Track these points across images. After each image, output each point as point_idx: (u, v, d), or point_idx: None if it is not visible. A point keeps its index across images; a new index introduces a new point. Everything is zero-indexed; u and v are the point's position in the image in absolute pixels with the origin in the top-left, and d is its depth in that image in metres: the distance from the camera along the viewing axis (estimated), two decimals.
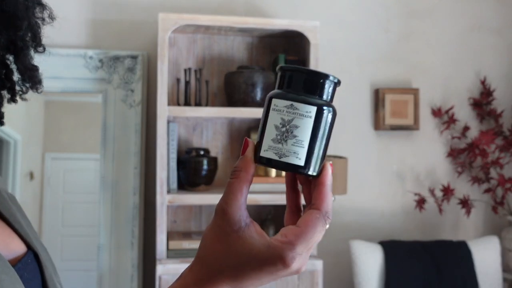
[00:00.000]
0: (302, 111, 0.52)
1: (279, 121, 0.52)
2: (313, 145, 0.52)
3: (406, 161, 2.35)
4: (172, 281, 1.78)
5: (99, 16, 2.12)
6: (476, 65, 2.43)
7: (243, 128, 2.16)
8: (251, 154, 0.53)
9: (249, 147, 0.54)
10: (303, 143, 0.52)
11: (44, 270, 0.61)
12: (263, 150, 0.53)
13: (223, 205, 0.51)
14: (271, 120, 0.53)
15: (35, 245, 0.61)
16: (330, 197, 0.52)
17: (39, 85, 0.72)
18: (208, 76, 2.13)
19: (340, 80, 0.54)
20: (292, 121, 0.52)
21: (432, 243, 2.14)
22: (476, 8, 2.43)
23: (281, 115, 0.52)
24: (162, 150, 1.86)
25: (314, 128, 0.52)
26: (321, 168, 0.54)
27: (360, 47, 2.31)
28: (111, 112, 2.05)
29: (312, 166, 0.53)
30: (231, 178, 0.52)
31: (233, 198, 0.51)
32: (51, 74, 2.01)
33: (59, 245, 2.16)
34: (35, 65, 0.71)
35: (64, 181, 2.19)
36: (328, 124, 0.53)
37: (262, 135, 0.53)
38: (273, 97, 0.53)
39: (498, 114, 2.34)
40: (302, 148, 0.52)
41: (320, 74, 0.53)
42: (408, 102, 2.30)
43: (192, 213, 2.13)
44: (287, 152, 0.52)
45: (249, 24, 1.93)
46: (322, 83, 0.53)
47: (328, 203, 0.52)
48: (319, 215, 0.51)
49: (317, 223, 0.51)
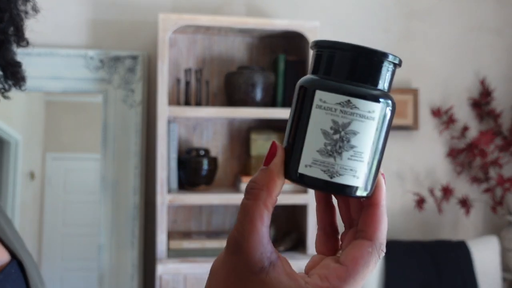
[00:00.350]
0: (363, 111, 0.37)
1: (330, 124, 0.37)
2: (373, 157, 0.38)
3: (406, 161, 2.36)
4: (172, 281, 1.79)
5: (99, 16, 2.12)
6: (476, 65, 2.43)
7: (243, 128, 2.16)
8: (279, 167, 0.38)
9: (278, 156, 0.39)
10: (363, 155, 0.38)
11: (29, 280, 0.57)
12: (303, 164, 0.38)
13: (238, 238, 0.37)
14: (316, 122, 0.38)
15: (19, 253, 0.57)
16: (385, 222, 0.39)
17: (22, 82, 0.66)
18: (208, 76, 2.13)
19: (401, 60, 0.40)
20: (349, 125, 0.37)
21: (431, 243, 2.15)
22: (476, 8, 2.44)
23: (333, 116, 0.37)
24: (162, 150, 1.87)
25: (376, 133, 0.38)
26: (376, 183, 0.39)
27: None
28: (112, 112, 2.06)
29: (370, 185, 0.39)
30: (247, 199, 0.38)
31: (252, 228, 0.36)
32: (51, 75, 2.02)
33: (60, 245, 2.17)
34: (17, 61, 0.64)
35: (64, 181, 2.20)
36: (389, 124, 0.39)
37: (299, 141, 0.38)
38: (318, 89, 0.38)
39: (497, 114, 2.35)
40: (361, 163, 0.38)
41: (378, 53, 0.38)
42: (408, 102, 2.30)
43: (192, 213, 2.13)
44: (342, 169, 0.37)
45: (249, 25, 1.94)
46: (382, 66, 0.38)
47: (382, 231, 0.38)
48: (372, 248, 0.38)
49: (370, 261, 0.37)
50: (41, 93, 2.11)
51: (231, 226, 2.15)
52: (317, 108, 0.38)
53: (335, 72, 0.38)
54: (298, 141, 0.38)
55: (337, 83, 0.38)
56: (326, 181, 0.37)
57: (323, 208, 0.43)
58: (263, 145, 2.06)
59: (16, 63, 0.64)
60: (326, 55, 0.39)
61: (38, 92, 2.09)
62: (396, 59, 0.39)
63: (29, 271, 0.57)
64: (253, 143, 2.06)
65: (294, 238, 2.02)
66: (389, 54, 0.38)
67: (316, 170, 0.38)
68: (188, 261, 1.84)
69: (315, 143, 0.38)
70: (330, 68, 0.39)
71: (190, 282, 1.82)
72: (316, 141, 0.37)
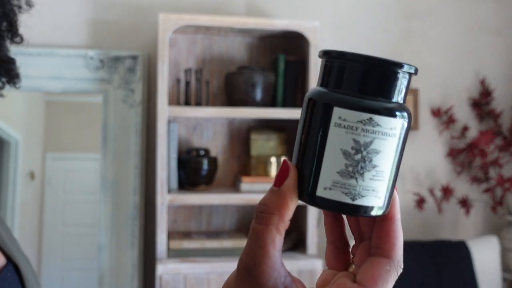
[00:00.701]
0: (385, 128, 0.35)
1: (351, 144, 0.35)
2: (392, 175, 0.36)
3: (406, 161, 2.36)
4: (172, 281, 1.79)
5: (99, 16, 2.12)
6: (476, 65, 2.43)
7: (243, 128, 2.16)
8: (292, 189, 0.36)
9: (291, 177, 0.36)
10: (384, 174, 0.36)
11: (26, 283, 0.56)
12: (321, 187, 0.35)
13: (249, 265, 0.35)
14: (336, 141, 0.35)
15: (15, 256, 0.56)
16: (401, 237, 0.37)
17: (16, 80, 0.63)
18: (208, 76, 2.13)
19: (417, 68, 0.38)
20: (371, 144, 0.35)
21: (431, 242, 2.15)
22: (476, 8, 2.44)
23: (354, 135, 0.35)
24: (162, 150, 1.87)
25: (396, 150, 0.36)
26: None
27: (360, 47, 2.31)
28: (112, 112, 2.06)
29: (387, 202, 0.37)
30: (258, 224, 0.35)
31: (264, 254, 0.35)
32: (51, 75, 2.02)
33: (60, 245, 2.17)
34: (11, 58, 0.62)
35: (64, 181, 2.20)
36: (405, 139, 0.37)
37: (315, 162, 0.36)
38: (337, 105, 0.35)
39: (497, 114, 2.35)
40: (382, 182, 0.36)
41: (394, 63, 0.36)
42: (408, 102, 2.30)
43: (192, 213, 2.13)
44: (364, 190, 0.35)
45: (249, 25, 1.94)
46: (397, 77, 0.36)
47: (400, 247, 0.37)
48: (390, 266, 0.36)
49: (388, 279, 0.36)
50: (41, 93, 2.11)
51: (231, 227, 2.16)
52: (336, 126, 0.35)
53: (347, 85, 0.36)
54: (314, 162, 0.35)
55: (356, 99, 0.35)
56: (347, 204, 0.35)
57: (332, 221, 0.41)
58: (263, 145, 2.06)
59: (9, 59, 0.62)
60: (336, 66, 0.36)
61: (38, 92, 2.09)
62: (412, 68, 0.37)
63: (25, 274, 0.57)
64: (253, 143, 2.06)
65: (294, 238, 2.02)
66: (404, 64, 0.36)
67: (336, 193, 0.35)
68: (188, 261, 1.84)
69: (335, 164, 0.35)
70: (341, 81, 0.36)
71: (190, 282, 1.82)
72: (336, 162, 0.35)
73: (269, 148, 2.07)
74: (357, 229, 0.41)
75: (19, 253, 0.59)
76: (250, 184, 1.95)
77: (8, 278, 0.53)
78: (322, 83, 0.37)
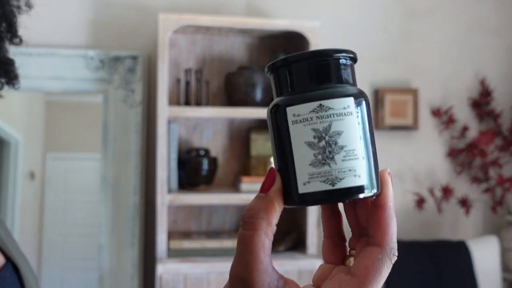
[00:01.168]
0: (339, 109, 0.36)
1: (311, 134, 0.36)
2: (367, 151, 0.38)
3: (406, 161, 2.36)
4: (173, 281, 1.79)
5: (99, 16, 2.12)
6: (475, 65, 2.43)
7: (243, 128, 2.16)
8: (278, 194, 0.37)
9: (277, 182, 0.37)
10: (355, 152, 0.37)
11: (25, 283, 0.56)
12: (301, 183, 0.36)
13: (241, 273, 0.35)
14: (297, 137, 0.37)
15: (14, 256, 0.56)
16: (393, 225, 0.38)
17: (15, 80, 0.63)
18: (208, 76, 2.13)
19: (355, 53, 0.40)
20: (330, 127, 0.36)
21: (431, 242, 2.15)
22: (476, 8, 2.44)
23: (311, 125, 0.36)
24: (162, 150, 1.87)
25: (360, 126, 0.37)
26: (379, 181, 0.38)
27: (360, 47, 2.31)
28: (112, 112, 2.06)
29: (375, 181, 0.38)
30: (246, 230, 0.36)
31: (255, 260, 0.35)
32: (52, 75, 2.02)
33: (60, 245, 2.17)
34: (10, 58, 0.62)
35: (65, 181, 2.20)
36: (368, 115, 0.38)
37: (288, 163, 0.37)
38: (287, 105, 0.37)
39: (497, 114, 2.35)
40: (356, 160, 0.37)
41: (330, 50, 0.38)
42: (408, 102, 2.30)
43: (193, 213, 2.13)
44: (341, 173, 0.36)
45: (249, 25, 1.94)
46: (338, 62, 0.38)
47: (392, 235, 0.37)
48: (382, 254, 0.36)
49: (381, 268, 0.36)
50: (41, 93, 2.11)
51: (231, 227, 2.16)
52: (294, 123, 0.37)
53: (298, 85, 0.38)
54: (288, 163, 0.37)
55: (302, 93, 0.37)
56: (330, 191, 0.36)
57: (330, 215, 0.41)
58: (263, 145, 2.07)
59: (8, 60, 0.62)
60: (282, 74, 0.39)
61: (38, 92, 2.09)
62: (351, 52, 0.39)
63: (24, 274, 0.57)
64: (253, 143, 2.06)
65: (294, 238, 2.02)
66: (341, 49, 0.38)
67: (316, 184, 0.36)
68: (188, 261, 1.84)
69: (304, 158, 0.36)
70: (292, 84, 0.38)
71: (190, 282, 1.82)
72: (305, 155, 0.36)
73: (269, 148, 2.07)
74: (355, 222, 0.41)
75: (18, 253, 0.59)
76: (250, 184, 1.96)
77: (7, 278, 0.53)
78: (277, 94, 0.40)
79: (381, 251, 0.36)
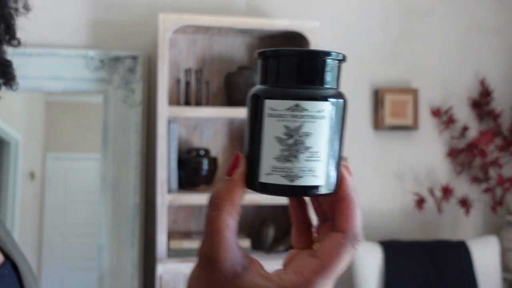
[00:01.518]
0: (313, 111, 0.38)
1: (282, 130, 0.38)
2: (330, 154, 0.39)
3: (406, 161, 2.36)
4: (173, 281, 1.79)
5: (99, 16, 2.12)
6: (475, 65, 2.43)
7: (243, 128, 2.16)
8: (241, 178, 0.39)
9: (241, 168, 0.40)
10: (319, 154, 0.38)
11: (24, 281, 0.56)
12: (263, 173, 0.39)
13: (207, 252, 0.37)
14: (269, 130, 0.38)
15: (13, 254, 0.56)
16: (356, 213, 0.40)
17: (13, 82, 0.63)
18: (208, 76, 2.13)
19: (345, 55, 0.41)
20: (301, 127, 0.38)
21: (431, 242, 2.15)
22: (476, 8, 2.44)
23: (284, 122, 0.38)
24: (162, 150, 1.87)
25: (329, 131, 0.38)
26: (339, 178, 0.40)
27: (360, 47, 2.31)
28: (112, 112, 2.06)
29: (332, 182, 0.40)
30: (212, 210, 0.38)
31: (219, 239, 0.37)
32: (52, 75, 2.02)
33: (60, 245, 2.17)
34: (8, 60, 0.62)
35: (65, 181, 2.20)
36: (342, 119, 0.40)
37: (256, 152, 0.39)
38: (266, 98, 0.39)
39: (497, 114, 2.35)
40: (318, 162, 0.38)
41: (320, 53, 0.39)
42: (408, 102, 2.30)
43: (193, 213, 2.13)
44: (301, 171, 0.38)
45: (249, 25, 1.94)
46: (325, 65, 0.39)
47: (354, 222, 0.40)
48: (345, 240, 0.39)
49: (342, 251, 0.38)
50: (41, 93, 2.11)
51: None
52: (269, 117, 0.38)
53: (283, 78, 0.39)
54: (256, 152, 0.39)
55: (284, 89, 0.38)
56: (288, 186, 0.38)
57: (295, 204, 0.44)
58: None
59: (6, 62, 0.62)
60: (271, 63, 0.40)
61: (38, 92, 2.09)
62: (340, 55, 0.40)
63: (23, 272, 0.57)
64: None
65: None
66: (331, 52, 0.39)
67: (276, 177, 0.38)
68: (188, 261, 1.84)
69: (271, 151, 0.38)
70: (278, 76, 0.40)
71: None
72: (272, 148, 0.38)
73: None
74: (320, 209, 0.43)
75: (17, 252, 0.59)
76: None
77: (6, 276, 0.53)
78: (262, 81, 0.41)
79: (344, 236, 0.39)
